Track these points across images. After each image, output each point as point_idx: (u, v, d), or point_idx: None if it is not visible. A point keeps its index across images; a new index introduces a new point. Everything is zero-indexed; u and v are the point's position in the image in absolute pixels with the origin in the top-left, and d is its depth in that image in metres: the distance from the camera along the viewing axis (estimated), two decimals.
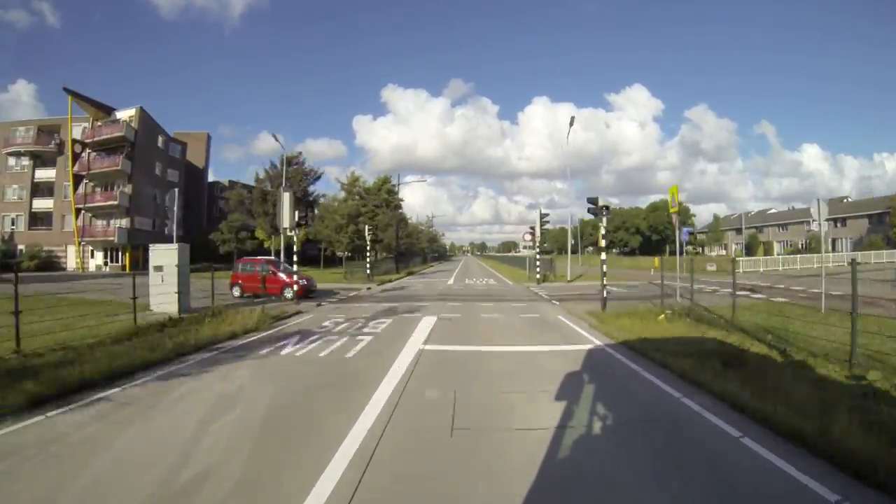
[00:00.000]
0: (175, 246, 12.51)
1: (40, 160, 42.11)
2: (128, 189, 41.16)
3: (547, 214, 29.56)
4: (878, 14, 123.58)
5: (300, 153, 40.08)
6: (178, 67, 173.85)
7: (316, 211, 40.37)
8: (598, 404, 4.73)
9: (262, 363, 6.87)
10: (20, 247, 40.05)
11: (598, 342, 8.17)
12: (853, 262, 6.11)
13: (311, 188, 40.25)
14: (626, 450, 3.61)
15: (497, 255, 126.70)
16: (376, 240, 33.59)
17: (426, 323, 10.49)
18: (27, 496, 2.96)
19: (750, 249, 60.97)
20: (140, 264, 35.85)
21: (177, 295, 11.09)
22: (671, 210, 13.01)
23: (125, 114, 42.46)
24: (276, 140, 26.25)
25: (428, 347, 7.84)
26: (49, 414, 4.49)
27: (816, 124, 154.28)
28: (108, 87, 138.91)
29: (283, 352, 7.59)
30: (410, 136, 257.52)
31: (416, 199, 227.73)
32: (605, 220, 12.23)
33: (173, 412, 4.72)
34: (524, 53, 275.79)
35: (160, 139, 45.97)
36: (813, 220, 11.48)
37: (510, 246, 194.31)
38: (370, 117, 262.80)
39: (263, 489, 2.99)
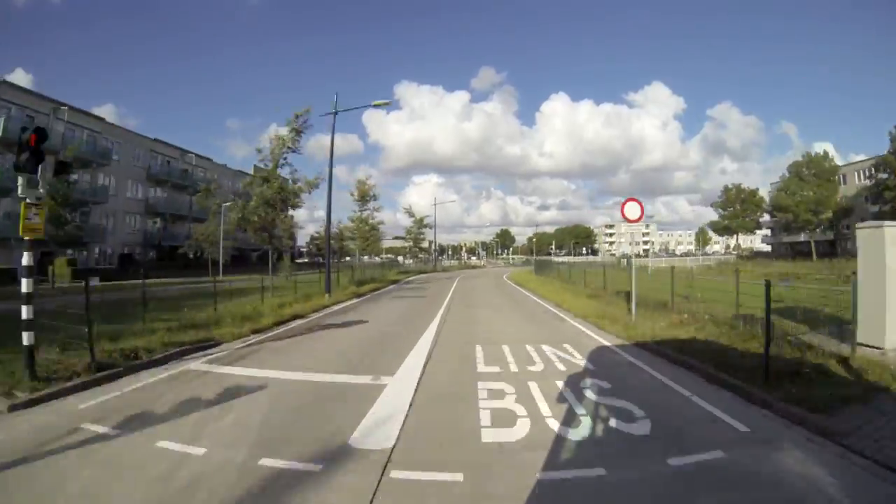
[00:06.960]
0: None
1: None
2: None
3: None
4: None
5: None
6: (180, 57, 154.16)
7: None
8: None
9: None
10: None
11: None
12: None
13: None
14: None
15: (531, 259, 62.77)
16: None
17: None
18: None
19: None
20: None
21: None
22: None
23: None
24: None
25: None
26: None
27: (826, 125, 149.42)
28: (107, 77, 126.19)
29: None
30: (427, 131, 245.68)
31: (425, 200, 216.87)
32: None
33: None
34: (546, 48, 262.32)
35: None
36: None
37: (537, 244, 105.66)
38: (383, 112, 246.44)
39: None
